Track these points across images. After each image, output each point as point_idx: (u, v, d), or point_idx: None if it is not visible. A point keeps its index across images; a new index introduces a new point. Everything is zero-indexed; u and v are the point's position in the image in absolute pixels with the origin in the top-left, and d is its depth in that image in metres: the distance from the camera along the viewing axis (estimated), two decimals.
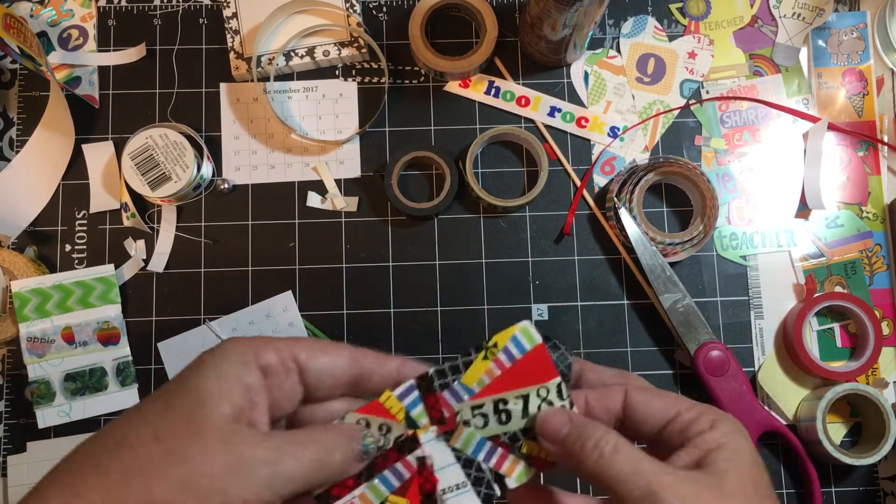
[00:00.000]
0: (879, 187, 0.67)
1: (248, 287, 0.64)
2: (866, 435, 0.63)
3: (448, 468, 0.40)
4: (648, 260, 0.63)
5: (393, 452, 0.39)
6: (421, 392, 0.40)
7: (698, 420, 0.39)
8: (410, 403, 0.40)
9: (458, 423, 0.40)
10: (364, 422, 0.39)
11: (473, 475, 0.40)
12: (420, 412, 0.40)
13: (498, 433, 0.40)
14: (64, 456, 0.34)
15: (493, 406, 0.40)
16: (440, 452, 0.40)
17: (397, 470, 0.39)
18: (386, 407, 0.39)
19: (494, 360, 0.40)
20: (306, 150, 0.67)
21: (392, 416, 0.39)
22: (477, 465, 0.40)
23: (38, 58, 0.64)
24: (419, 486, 0.39)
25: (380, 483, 0.39)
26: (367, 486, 0.39)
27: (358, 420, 0.39)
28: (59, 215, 0.65)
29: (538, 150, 0.64)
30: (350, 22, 0.67)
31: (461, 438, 0.40)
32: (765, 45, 0.69)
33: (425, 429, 0.40)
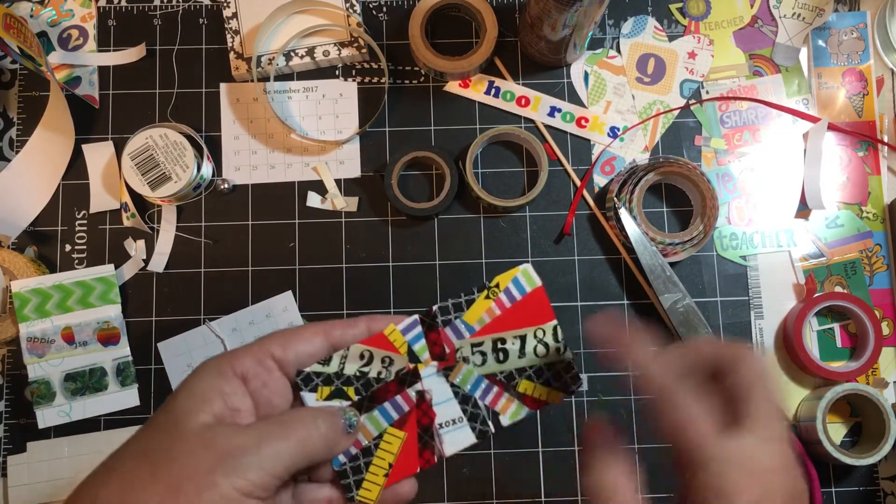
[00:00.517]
0: (879, 187, 0.67)
1: (248, 287, 0.64)
2: (866, 435, 0.63)
3: (446, 403, 0.41)
4: (648, 260, 0.63)
5: (393, 385, 0.41)
6: (424, 328, 0.41)
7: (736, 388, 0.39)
8: (413, 338, 0.41)
9: (457, 360, 0.41)
10: (367, 353, 0.40)
11: (470, 411, 0.41)
12: (422, 347, 0.41)
13: (495, 371, 0.41)
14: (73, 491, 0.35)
15: (491, 344, 0.41)
16: (439, 387, 0.41)
17: (397, 402, 0.41)
18: (390, 340, 0.41)
19: (496, 300, 0.41)
20: (306, 150, 0.67)
21: (395, 349, 0.41)
22: (473, 402, 0.41)
23: (38, 58, 0.64)
24: (417, 420, 0.41)
25: (379, 414, 0.41)
26: (367, 416, 0.40)
27: (362, 352, 0.40)
28: (59, 215, 0.65)
29: (538, 150, 0.64)
30: (350, 22, 0.67)
31: (460, 374, 0.41)
32: (765, 45, 0.69)
33: (426, 363, 0.41)
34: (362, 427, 0.40)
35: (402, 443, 0.40)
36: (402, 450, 0.40)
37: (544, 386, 0.41)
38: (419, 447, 0.40)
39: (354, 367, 0.40)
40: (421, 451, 0.40)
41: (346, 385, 0.40)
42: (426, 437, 0.41)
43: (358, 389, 0.40)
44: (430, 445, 0.40)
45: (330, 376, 0.40)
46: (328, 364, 0.40)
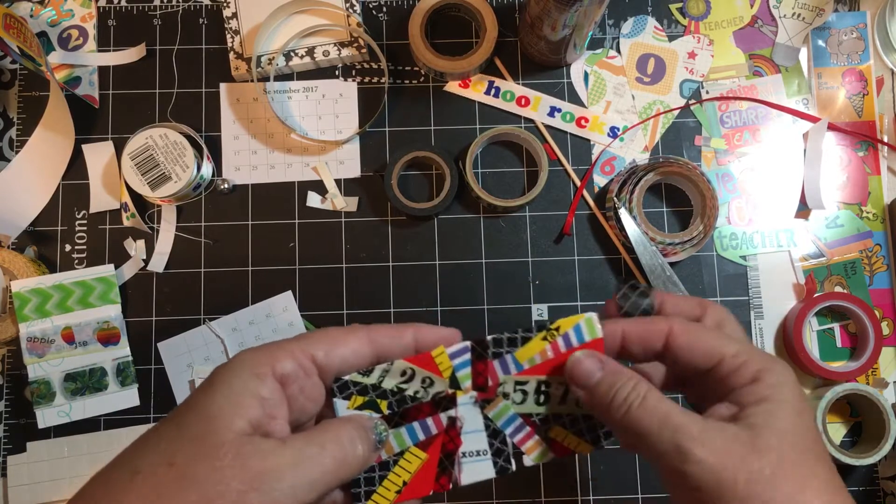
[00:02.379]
0: (879, 187, 0.67)
1: (248, 287, 0.64)
2: (866, 435, 0.63)
3: (474, 434, 0.40)
4: (648, 260, 0.63)
5: (428, 406, 0.40)
6: (473, 356, 0.40)
7: (741, 370, 0.37)
8: (459, 364, 0.40)
9: (497, 394, 0.40)
10: (410, 371, 0.40)
11: (496, 446, 0.40)
12: (466, 374, 0.40)
13: (532, 412, 0.40)
14: (80, 489, 0.34)
15: (535, 385, 0.40)
16: (472, 417, 0.40)
17: (427, 424, 0.40)
18: (436, 362, 0.40)
19: (552, 342, 0.40)
20: (306, 150, 0.67)
21: (439, 371, 0.40)
22: (502, 438, 0.40)
23: (38, 58, 0.64)
24: (442, 444, 0.40)
25: (406, 433, 0.40)
26: (393, 433, 0.40)
27: (405, 369, 0.39)
28: (59, 215, 0.65)
29: (538, 150, 0.64)
30: (350, 22, 0.67)
31: (496, 409, 0.40)
32: (765, 45, 0.69)
33: (466, 392, 0.40)
34: (386, 442, 0.40)
35: (422, 464, 0.40)
36: (420, 470, 0.40)
37: (576, 436, 0.41)
38: (437, 471, 0.40)
39: (393, 382, 0.40)
40: (438, 476, 0.40)
41: (380, 398, 0.40)
42: (446, 463, 0.40)
43: (391, 404, 0.40)
44: (449, 472, 0.40)
45: (367, 387, 0.39)
46: (368, 375, 0.39)
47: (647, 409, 0.36)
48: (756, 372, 0.37)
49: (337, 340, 0.38)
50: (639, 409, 0.36)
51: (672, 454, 0.35)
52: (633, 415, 0.36)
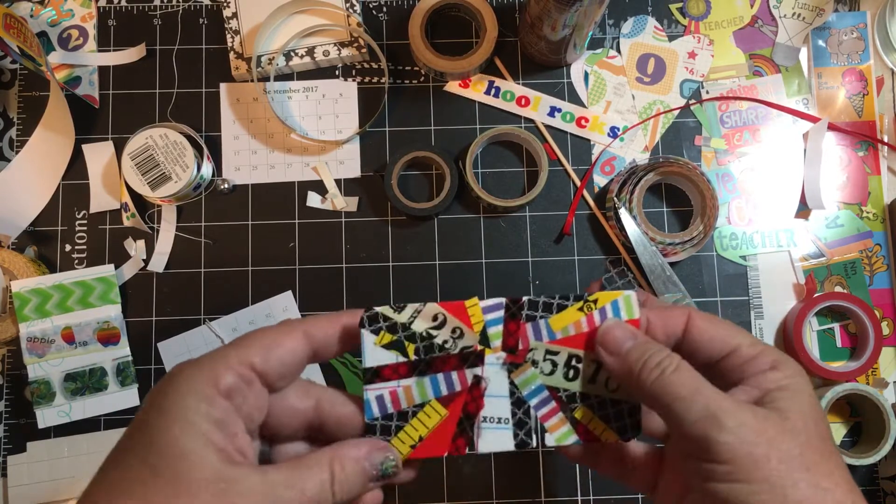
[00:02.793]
0: (879, 187, 0.67)
1: (248, 287, 0.64)
2: (866, 435, 0.63)
3: (498, 398, 0.39)
4: (648, 260, 0.63)
5: (455, 360, 0.39)
6: (506, 314, 0.39)
7: (758, 358, 0.38)
8: (492, 320, 0.39)
9: (526, 360, 0.39)
10: (442, 316, 0.38)
11: (519, 416, 0.39)
12: (497, 332, 0.39)
13: (559, 386, 0.39)
14: None
15: (566, 358, 0.39)
16: (498, 380, 0.39)
17: (451, 378, 0.39)
18: (469, 313, 0.39)
19: (588, 315, 0.39)
20: (306, 150, 0.67)
21: (470, 323, 0.39)
22: (526, 409, 0.39)
23: (38, 58, 0.64)
24: (464, 404, 0.39)
25: (429, 384, 0.38)
26: (416, 381, 0.38)
27: (437, 313, 0.38)
28: (59, 215, 0.65)
29: (538, 150, 0.64)
30: (350, 22, 0.67)
31: (523, 376, 0.39)
32: (765, 45, 0.69)
33: (495, 351, 0.39)
34: (406, 389, 0.38)
35: (441, 421, 0.38)
36: (438, 427, 0.38)
37: (602, 421, 0.39)
38: (455, 432, 0.38)
39: (424, 325, 0.38)
40: (455, 436, 0.38)
41: (408, 340, 0.38)
42: (466, 425, 0.38)
43: (419, 349, 0.38)
44: (467, 435, 0.38)
45: (396, 324, 0.38)
46: (400, 312, 0.38)
47: (682, 375, 0.36)
48: (773, 361, 0.37)
49: (272, 343, 0.37)
50: (673, 374, 0.36)
51: (705, 423, 0.34)
52: (666, 379, 0.36)
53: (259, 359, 0.36)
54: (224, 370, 0.35)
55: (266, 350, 0.36)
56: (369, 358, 0.38)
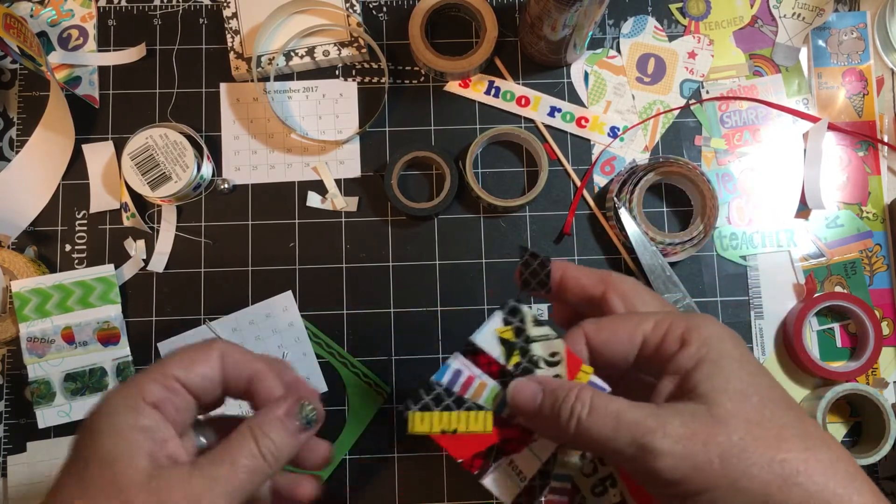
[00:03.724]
0: (879, 187, 0.67)
1: (248, 287, 0.64)
2: (866, 435, 0.63)
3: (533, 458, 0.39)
4: (648, 260, 0.63)
5: None
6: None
7: (667, 339, 0.36)
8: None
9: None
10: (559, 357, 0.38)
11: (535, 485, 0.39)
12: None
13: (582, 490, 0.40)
14: None
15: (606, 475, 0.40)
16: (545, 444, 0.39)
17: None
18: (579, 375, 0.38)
19: None
20: (306, 150, 0.67)
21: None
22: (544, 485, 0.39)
23: (38, 58, 0.64)
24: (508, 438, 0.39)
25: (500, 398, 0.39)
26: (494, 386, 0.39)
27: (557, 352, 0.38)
28: (59, 215, 0.65)
29: (538, 150, 0.64)
30: (350, 22, 0.67)
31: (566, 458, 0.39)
32: (765, 45, 0.69)
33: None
34: (482, 385, 0.38)
35: (480, 434, 0.38)
36: (473, 437, 0.38)
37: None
38: (482, 451, 0.39)
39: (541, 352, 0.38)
40: (478, 455, 0.39)
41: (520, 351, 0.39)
42: (493, 454, 0.39)
43: (519, 364, 0.39)
44: (488, 462, 0.39)
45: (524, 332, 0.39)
46: (536, 326, 0.39)
47: (598, 414, 0.34)
48: (682, 334, 0.35)
49: (192, 360, 0.39)
50: (589, 417, 0.34)
51: (638, 455, 0.33)
52: (584, 425, 0.34)
53: (182, 372, 0.38)
54: (149, 383, 0.37)
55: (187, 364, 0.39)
56: (482, 337, 0.39)
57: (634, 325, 0.37)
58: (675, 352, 0.35)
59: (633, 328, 0.37)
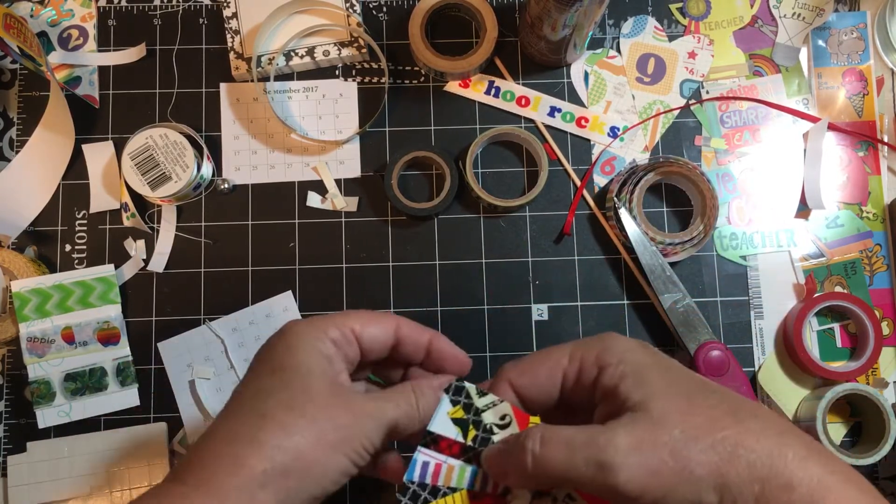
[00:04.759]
0: (879, 187, 0.67)
1: (248, 287, 0.64)
2: (866, 435, 0.63)
3: None
4: (648, 260, 0.63)
5: None
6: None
7: (584, 372, 0.39)
8: None
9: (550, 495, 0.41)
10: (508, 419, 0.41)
11: None
12: None
13: None
14: (203, 434, 0.40)
15: None
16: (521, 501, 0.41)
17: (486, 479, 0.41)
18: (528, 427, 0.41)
19: None
20: (306, 150, 0.67)
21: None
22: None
23: (38, 58, 0.64)
24: None
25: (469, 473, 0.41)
26: (461, 465, 0.41)
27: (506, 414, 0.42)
28: (59, 215, 0.65)
29: (538, 150, 0.64)
30: (350, 22, 0.67)
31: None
32: (765, 45, 0.69)
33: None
34: (450, 469, 0.41)
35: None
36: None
37: None
38: None
39: (491, 419, 0.41)
40: None
41: (474, 426, 0.42)
42: None
43: (476, 437, 0.41)
44: None
45: (472, 406, 0.42)
46: (481, 397, 0.42)
47: (550, 444, 0.36)
48: (596, 359, 0.38)
49: (370, 319, 0.44)
50: (542, 448, 0.36)
51: (597, 475, 0.34)
52: (538, 458, 0.36)
53: (359, 326, 0.43)
54: (331, 326, 0.43)
55: (365, 322, 0.44)
56: (437, 424, 0.42)
57: (553, 363, 0.40)
58: (596, 376, 0.38)
59: (550, 364, 0.40)
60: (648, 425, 0.35)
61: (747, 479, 0.33)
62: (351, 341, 0.43)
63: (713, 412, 0.35)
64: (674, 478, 0.33)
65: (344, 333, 0.43)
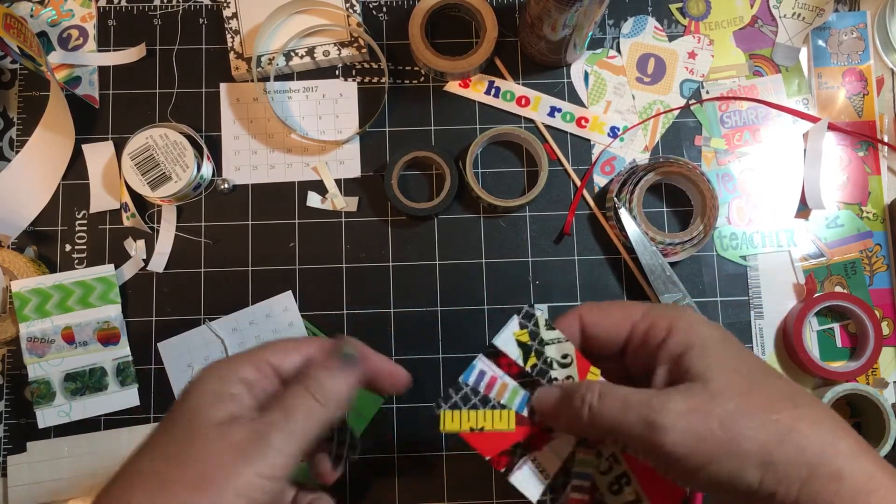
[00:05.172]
0: (879, 187, 0.67)
1: (248, 287, 0.64)
2: (866, 435, 0.63)
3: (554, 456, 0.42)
4: (648, 260, 0.63)
5: None
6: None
7: (653, 330, 0.39)
8: None
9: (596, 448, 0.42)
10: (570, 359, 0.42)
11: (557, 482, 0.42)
12: None
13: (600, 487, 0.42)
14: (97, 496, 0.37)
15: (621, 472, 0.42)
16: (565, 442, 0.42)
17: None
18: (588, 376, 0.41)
19: None
20: (306, 150, 0.67)
21: None
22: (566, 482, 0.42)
23: (38, 58, 0.64)
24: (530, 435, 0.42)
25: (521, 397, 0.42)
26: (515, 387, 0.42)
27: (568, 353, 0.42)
28: (59, 215, 0.65)
29: (538, 150, 0.64)
30: (350, 22, 0.67)
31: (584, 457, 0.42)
32: (765, 45, 0.69)
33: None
34: (504, 386, 0.42)
35: (504, 432, 0.41)
36: (498, 434, 0.41)
37: None
38: (507, 449, 0.41)
39: (554, 354, 0.42)
40: (503, 453, 0.41)
41: (535, 354, 0.42)
42: (518, 451, 0.41)
43: (535, 367, 0.42)
44: (513, 460, 0.41)
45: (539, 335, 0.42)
46: (549, 330, 0.42)
47: (607, 399, 0.37)
48: (667, 327, 0.39)
49: (288, 349, 0.42)
50: (599, 402, 0.38)
51: (646, 434, 0.35)
52: (595, 411, 0.37)
53: (275, 358, 0.41)
54: (243, 363, 0.40)
55: (282, 353, 0.41)
56: (502, 340, 0.42)
57: (627, 313, 0.41)
58: (663, 339, 0.39)
59: (624, 313, 0.41)
60: (704, 396, 0.35)
61: (796, 462, 0.34)
62: (267, 375, 0.41)
63: (771, 396, 0.36)
64: (719, 448, 0.34)
65: (259, 369, 0.40)
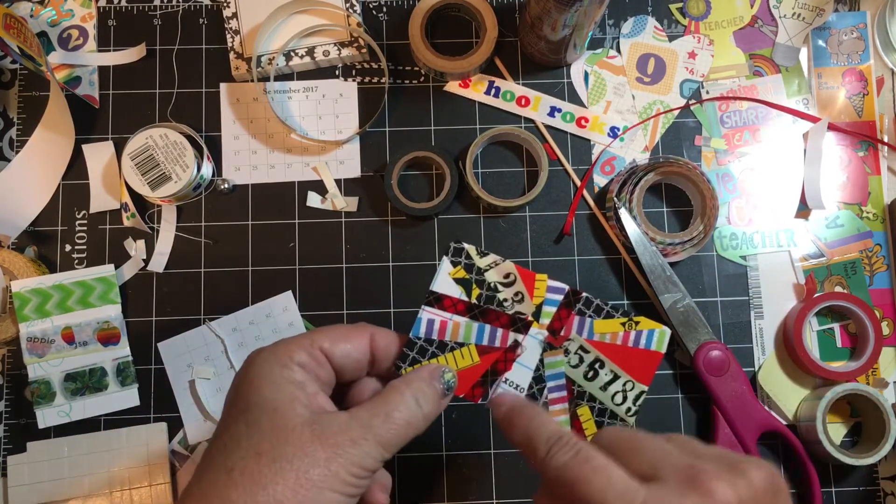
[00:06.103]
0: (879, 187, 0.67)
1: (248, 287, 0.64)
2: (866, 435, 0.63)
3: (524, 369, 0.43)
4: (648, 260, 0.63)
5: (506, 319, 0.43)
6: (563, 301, 0.43)
7: None
8: (550, 300, 0.43)
9: (561, 346, 0.43)
10: (513, 276, 0.43)
11: (534, 391, 0.43)
12: (549, 312, 0.43)
13: (576, 380, 0.43)
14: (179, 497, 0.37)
15: (593, 359, 0.43)
16: (531, 353, 0.43)
17: (495, 334, 0.43)
18: (535, 285, 0.43)
19: (626, 332, 0.43)
20: (306, 150, 0.67)
21: (532, 294, 0.43)
22: (542, 387, 0.43)
23: (38, 58, 0.64)
24: (496, 360, 0.43)
25: (476, 329, 0.43)
26: (467, 322, 0.43)
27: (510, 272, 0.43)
28: (59, 215, 0.65)
29: (538, 150, 0.64)
30: (350, 22, 0.67)
31: (553, 359, 0.43)
32: (765, 45, 0.69)
33: (541, 327, 0.43)
34: (456, 325, 0.42)
35: (471, 366, 0.42)
36: (466, 370, 0.42)
37: (595, 426, 0.43)
38: (478, 381, 0.42)
39: (495, 277, 0.42)
40: (475, 385, 0.42)
41: (477, 285, 0.42)
42: (489, 378, 0.42)
43: (481, 296, 0.42)
44: (485, 389, 0.42)
45: (474, 266, 0.42)
46: (482, 257, 0.42)
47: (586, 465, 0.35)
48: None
49: (342, 336, 0.41)
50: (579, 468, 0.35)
51: None
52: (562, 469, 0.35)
53: (327, 343, 0.41)
54: (297, 348, 0.40)
55: (335, 339, 0.41)
56: (439, 284, 0.43)
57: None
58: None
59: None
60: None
61: None
62: (322, 362, 0.40)
63: None
64: None
65: (312, 354, 0.40)
